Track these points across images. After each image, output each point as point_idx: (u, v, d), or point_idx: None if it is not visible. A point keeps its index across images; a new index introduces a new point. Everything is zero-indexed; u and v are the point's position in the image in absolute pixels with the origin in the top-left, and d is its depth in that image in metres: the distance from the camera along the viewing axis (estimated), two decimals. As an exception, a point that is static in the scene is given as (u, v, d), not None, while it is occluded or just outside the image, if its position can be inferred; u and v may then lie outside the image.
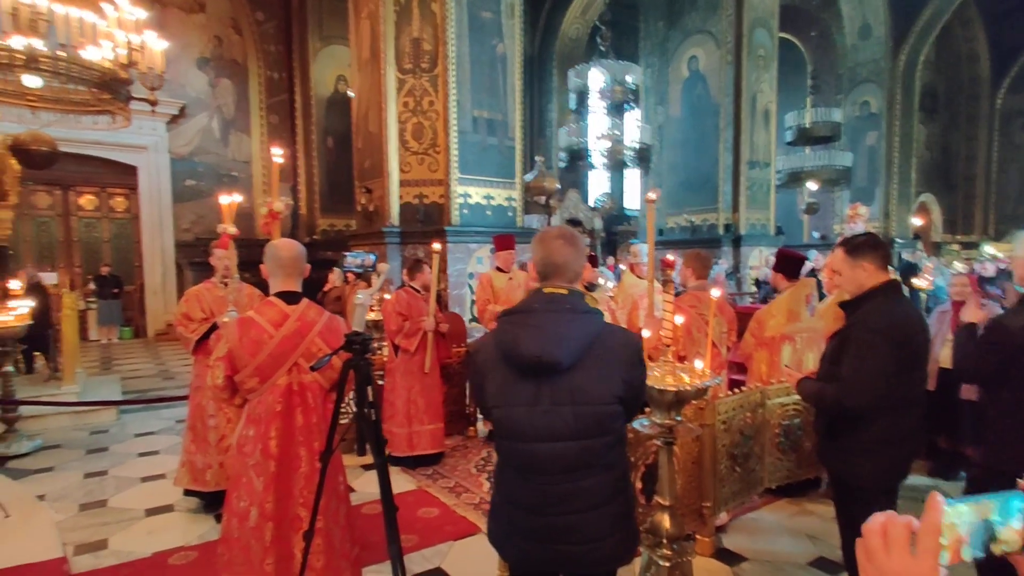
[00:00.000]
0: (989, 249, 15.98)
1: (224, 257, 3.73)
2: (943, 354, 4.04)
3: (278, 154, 3.03)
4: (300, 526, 2.25)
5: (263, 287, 3.75)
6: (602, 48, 10.31)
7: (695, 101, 11.56)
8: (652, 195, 3.53)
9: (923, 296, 8.75)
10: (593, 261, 5.60)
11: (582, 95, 10.61)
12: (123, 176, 12.11)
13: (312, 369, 2.07)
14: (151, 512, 3.71)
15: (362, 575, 2.53)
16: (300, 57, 13.30)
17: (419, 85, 7.68)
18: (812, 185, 13.19)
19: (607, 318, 5.33)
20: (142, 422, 5.82)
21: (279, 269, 2.30)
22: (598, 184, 16.59)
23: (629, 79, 11.31)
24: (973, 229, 16.64)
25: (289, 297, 2.29)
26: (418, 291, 4.55)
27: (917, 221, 14.83)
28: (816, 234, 15.75)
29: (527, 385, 1.48)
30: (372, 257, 3.19)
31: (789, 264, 3.83)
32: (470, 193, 7.68)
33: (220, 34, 13.33)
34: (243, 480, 2.23)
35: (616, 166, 12.23)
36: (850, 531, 2.16)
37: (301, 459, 2.25)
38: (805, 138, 13.07)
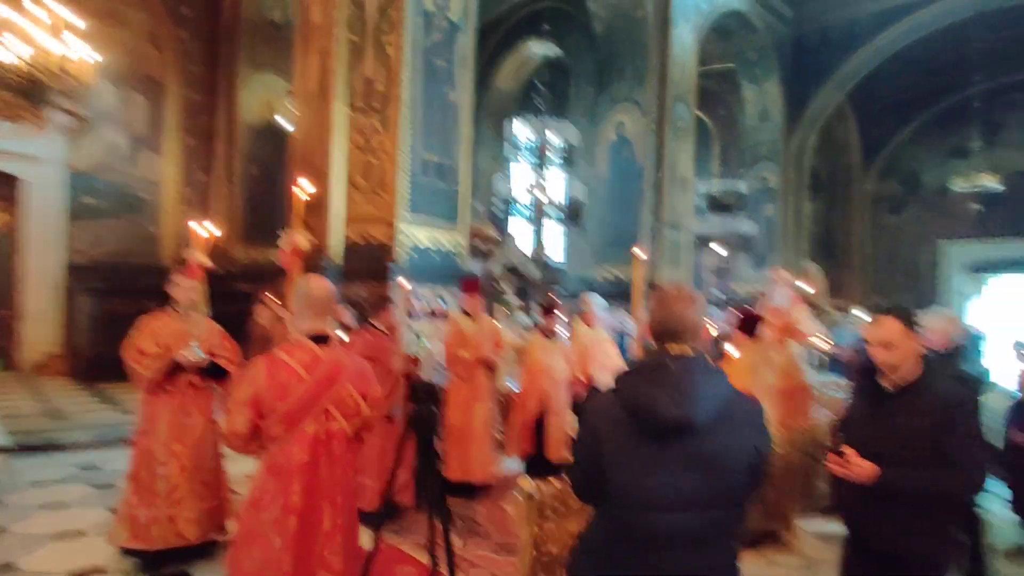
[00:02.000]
0: (858, 312, 17.94)
1: (191, 288, 3.45)
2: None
3: (305, 188, 2.89)
4: (317, 589, 2.07)
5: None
6: (539, 107, 10.77)
7: (621, 163, 12.27)
8: (638, 251, 3.72)
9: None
10: (554, 310, 5.71)
11: (516, 148, 10.95)
12: None
13: (388, 420, 1.96)
14: (77, 576, 3.24)
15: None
16: (227, 81, 12.77)
17: (369, 124, 7.62)
18: (720, 249, 14.27)
19: (566, 366, 5.37)
20: (37, 469, 5.10)
21: (309, 309, 2.18)
22: (521, 235, 16.98)
23: (556, 137, 11.78)
24: (850, 297, 18.63)
25: (319, 339, 2.17)
26: (381, 330, 4.41)
27: (807, 288, 16.36)
28: (718, 293, 16.98)
29: (654, 447, 1.41)
30: (443, 304, 3.04)
31: (750, 323, 4.12)
32: (417, 235, 7.62)
33: (135, 47, 12.54)
34: (258, 539, 2.03)
35: (542, 219, 12.60)
36: None
37: (324, 514, 2.09)
38: (714, 206, 14.15)
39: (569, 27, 13.51)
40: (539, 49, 15.12)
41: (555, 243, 16.87)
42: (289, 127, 11.67)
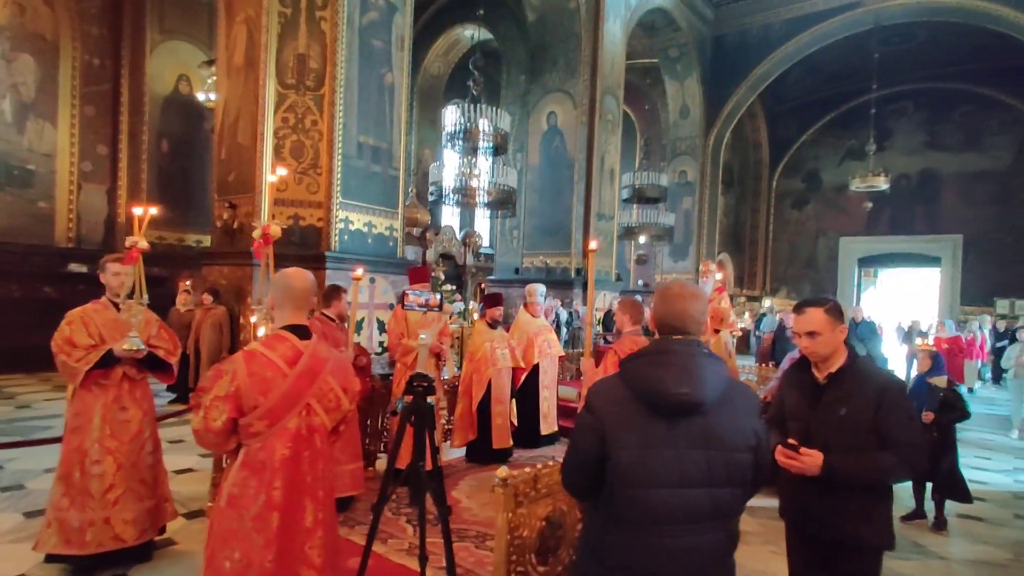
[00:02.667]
0: (767, 302, 19.25)
1: (126, 274, 3.20)
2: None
3: (279, 173, 2.74)
4: (299, 587, 2.02)
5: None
6: (474, 92, 10.68)
7: (553, 153, 12.45)
8: (593, 244, 3.81)
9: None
10: (498, 299, 5.76)
11: (451, 134, 10.81)
12: None
13: (392, 414, 1.92)
14: (-2, 587, 2.96)
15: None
16: (132, 47, 11.76)
17: (302, 102, 7.29)
18: (642, 239, 14.82)
19: (509, 354, 5.44)
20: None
21: (290, 301, 2.10)
22: (451, 220, 16.87)
23: (486, 124, 11.70)
24: (756, 286, 19.97)
25: (300, 331, 2.10)
26: (332, 320, 4.29)
27: (719, 275, 17.35)
28: (640, 282, 17.68)
29: (660, 426, 1.45)
30: (438, 296, 2.86)
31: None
32: (352, 219, 7.41)
33: (21, 1, 11.27)
34: (238, 539, 1.95)
35: (473, 206, 12.55)
36: None
37: (306, 510, 2.04)
38: (638, 198, 14.62)
39: (501, 13, 13.47)
40: (469, 33, 14.97)
41: (483, 230, 16.92)
42: (204, 100, 10.97)
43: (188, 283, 8.55)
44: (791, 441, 2.04)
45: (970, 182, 16.77)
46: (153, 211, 3.14)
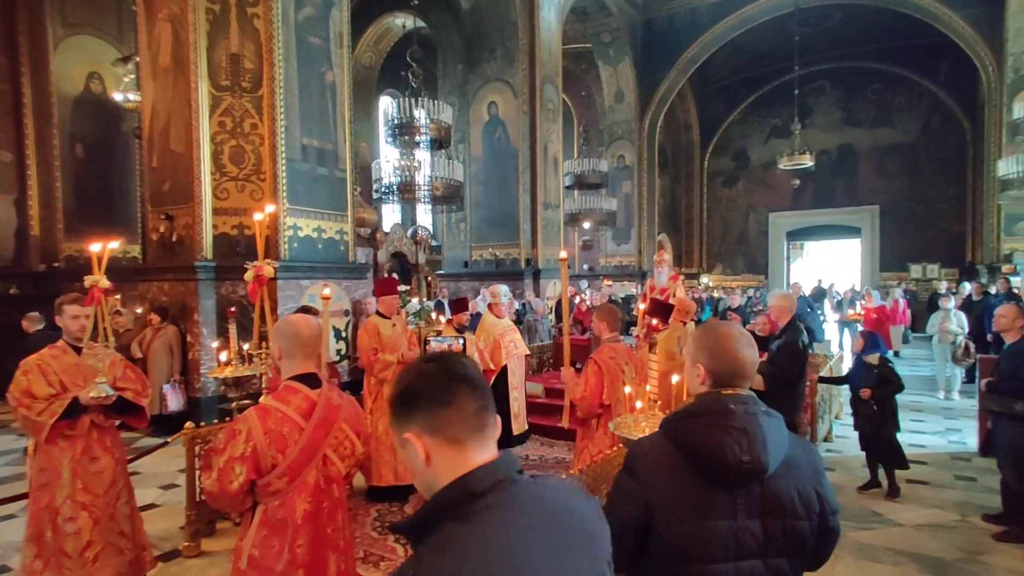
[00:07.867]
0: (705, 279, 19.97)
1: (87, 316, 2.97)
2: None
3: (268, 211, 2.58)
4: (327, 642, 1.98)
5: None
6: (413, 84, 10.43)
7: (496, 144, 12.38)
8: (563, 253, 3.82)
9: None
10: (464, 304, 5.73)
11: (392, 129, 10.52)
12: None
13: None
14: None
15: None
16: (31, 43, 10.77)
17: (239, 105, 6.93)
18: (586, 225, 15.04)
19: (478, 358, 5.43)
20: None
21: (299, 349, 2.02)
22: (393, 216, 16.54)
23: (427, 118, 11.45)
24: (693, 263, 20.70)
25: (310, 380, 2.02)
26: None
27: (667, 256, 17.88)
28: (585, 266, 17.99)
29: (717, 496, 1.32)
30: (460, 342, 2.50)
31: (662, 311, 4.46)
32: (300, 225, 7.14)
33: None
34: (263, 602, 1.88)
35: (417, 201, 12.34)
36: None
37: (328, 564, 1.99)
38: (579, 184, 14.80)
39: (434, 1, 13.17)
40: (400, 22, 14.57)
41: (427, 224, 16.71)
42: (122, 101, 10.23)
43: (118, 297, 8.01)
44: None
45: (883, 155, 17.91)
46: (113, 245, 2.91)
